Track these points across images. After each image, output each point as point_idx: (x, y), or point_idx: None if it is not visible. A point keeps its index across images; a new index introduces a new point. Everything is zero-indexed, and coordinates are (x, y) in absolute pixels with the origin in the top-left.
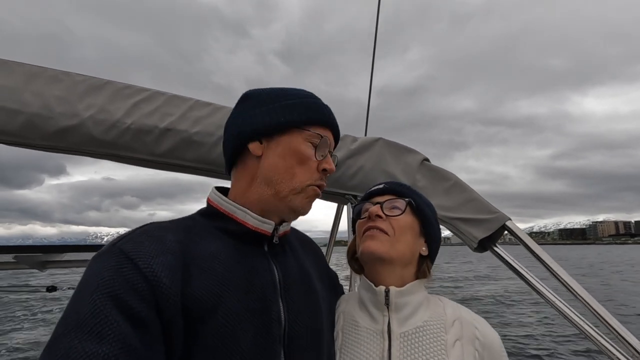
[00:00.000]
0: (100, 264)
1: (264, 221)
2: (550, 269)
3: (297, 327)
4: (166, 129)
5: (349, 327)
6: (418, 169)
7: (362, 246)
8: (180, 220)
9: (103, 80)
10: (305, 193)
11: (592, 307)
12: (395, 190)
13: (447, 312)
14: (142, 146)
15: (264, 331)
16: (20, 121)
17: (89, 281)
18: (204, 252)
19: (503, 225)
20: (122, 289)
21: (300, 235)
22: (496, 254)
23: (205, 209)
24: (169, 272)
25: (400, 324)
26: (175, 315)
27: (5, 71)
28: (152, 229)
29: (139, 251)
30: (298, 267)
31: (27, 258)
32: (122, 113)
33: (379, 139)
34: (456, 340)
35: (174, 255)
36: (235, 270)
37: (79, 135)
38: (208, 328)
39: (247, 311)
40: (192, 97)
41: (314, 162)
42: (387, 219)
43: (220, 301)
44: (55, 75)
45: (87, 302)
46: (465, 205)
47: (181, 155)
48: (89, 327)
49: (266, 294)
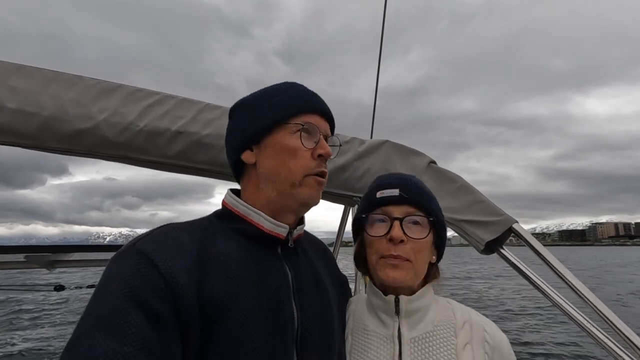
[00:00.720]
0: (120, 264)
1: (278, 224)
2: (557, 271)
3: (310, 327)
4: (178, 131)
5: (358, 331)
6: (425, 171)
7: (384, 275)
8: (196, 221)
9: (115, 84)
10: (306, 184)
11: (600, 310)
12: (415, 201)
13: (457, 315)
14: (154, 148)
15: (277, 331)
16: (37, 123)
17: (109, 281)
18: (219, 253)
19: (510, 228)
20: (141, 289)
21: (311, 238)
22: (503, 256)
23: (220, 210)
24: (186, 272)
25: (411, 329)
26: (193, 315)
27: (24, 76)
28: (170, 231)
29: (157, 252)
30: (310, 269)
31: (37, 258)
32: (134, 116)
33: (385, 142)
34: (466, 344)
35: (190, 256)
36: (250, 271)
37: (93, 137)
38: (222, 327)
39: (261, 311)
40: (202, 101)
41: (305, 152)
42: (408, 242)
43: (235, 301)
44: (70, 79)
45: (107, 301)
46: (472, 208)
47: (192, 157)
48: (109, 326)
49: (279, 295)
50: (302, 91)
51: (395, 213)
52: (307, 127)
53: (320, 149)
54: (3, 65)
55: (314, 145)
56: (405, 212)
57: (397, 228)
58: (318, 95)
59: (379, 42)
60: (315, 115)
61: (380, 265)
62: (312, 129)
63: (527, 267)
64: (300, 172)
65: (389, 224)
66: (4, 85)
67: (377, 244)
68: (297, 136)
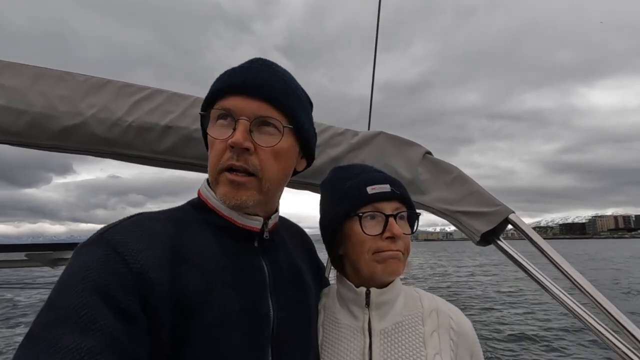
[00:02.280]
0: (87, 255)
1: (250, 218)
2: (554, 262)
3: (286, 325)
4: (167, 126)
5: (329, 323)
6: (420, 162)
7: (383, 270)
8: (170, 210)
9: (104, 79)
10: (220, 183)
11: (598, 300)
12: (403, 197)
13: (424, 304)
14: (143, 144)
15: (253, 329)
16: (26, 121)
17: (74, 272)
18: (193, 247)
19: (506, 219)
20: (109, 282)
21: (289, 226)
22: (500, 248)
23: (195, 200)
24: (157, 266)
25: (380, 321)
26: (163, 311)
27: (12, 73)
28: (142, 220)
29: (127, 243)
30: (288, 262)
31: (39, 256)
32: (123, 111)
33: (380, 133)
34: (433, 332)
35: (162, 250)
36: (225, 267)
37: (83, 134)
38: (195, 326)
39: (236, 310)
40: (192, 95)
41: (220, 143)
42: (401, 238)
43: (209, 299)
44: (59, 75)
45: (72, 293)
46: (468, 198)
47: (182, 152)
48: (73, 320)
49: (255, 292)
50: (232, 69)
51: (387, 209)
52: (222, 113)
53: (230, 137)
54: None
55: (230, 134)
56: (395, 207)
57: (396, 225)
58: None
59: (377, 36)
60: (233, 97)
61: (376, 260)
62: (226, 115)
63: (523, 259)
64: (213, 167)
65: (382, 220)
66: None
67: (371, 241)
68: (216, 126)
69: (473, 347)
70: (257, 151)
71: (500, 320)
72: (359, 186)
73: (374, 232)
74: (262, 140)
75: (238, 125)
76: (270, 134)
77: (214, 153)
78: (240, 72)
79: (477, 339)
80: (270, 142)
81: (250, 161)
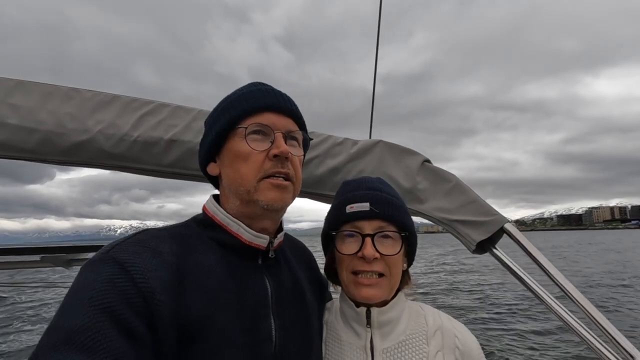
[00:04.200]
0: (93, 274)
1: (258, 235)
2: (548, 273)
3: (288, 344)
4: (171, 140)
5: (332, 340)
6: (418, 171)
7: (358, 294)
8: (175, 227)
9: (110, 95)
10: (261, 189)
11: (589, 311)
12: (386, 215)
13: (429, 322)
14: (149, 158)
15: (254, 350)
16: (37, 138)
17: (81, 291)
18: (197, 266)
19: (502, 228)
20: (116, 302)
21: (294, 243)
22: (495, 256)
23: (201, 217)
24: (164, 288)
25: (383, 340)
26: (169, 333)
27: (23, 92)
28: (147, 239)
29: (134, 262)
30: (292, 280)
31: (53, 258)
32: (129, 127)
33: (379, 142)
34: (437, 352)
35: (169, 270)
36: (228, 287)
37: (91, 149)
38: (199, 347)
39: (238, 330)
40: (196, 107)
41: (258, 155)
42: (381, 258)
43: (212, 321)
44: (66, 93)
45: (77, 313)
46: (465, 207)
47: (186, 165)
48: (79, 340)
49: (258, 312)
50: (251, 91)
51: (366, 229)
52: (257, 129)
53: (275, 149)
54: (4, 82)
55: (268, 146)
56: (376, 227)
57: (370, 246)
58: (274, 92)
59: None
60: (268, 114)
61: (353, 282)
62: (264, 129)
63: (519, 268)
64: (252, 177)
65: (360, 240)
66: (5, 103)
67: (348, 260)
68: (248, 139)
69: None
70: (291, 159)
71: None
72: (340, 205)
73: (349, 251)
74: (292, 151)
75: (277, 137)
76: (295, 146)
77: (252, 164)
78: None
79: (484, 357)
80: (298, 153)
81: (290, 167)
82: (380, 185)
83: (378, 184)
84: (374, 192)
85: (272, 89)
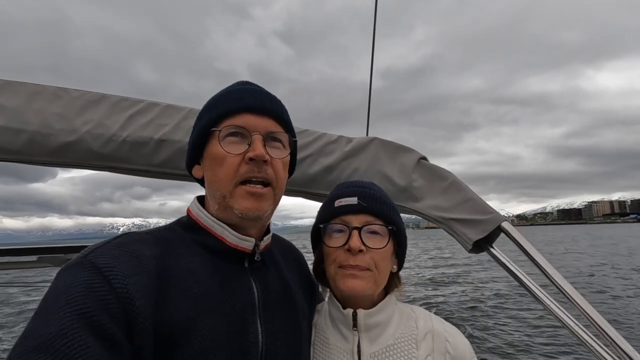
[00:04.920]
0: (71, 279)
1: (243, 238)
2: (545, 271)
3: (275, 348)
4: (161, 139)
5: (319, 343)
6: (414, 169)
7: (343, 285)
8: (158, 230)
9: (99, 94)
10: (237, 195)
11: (586, 310)
12: (373, 210)
13: (419, 325)
14: (138, 158)
15: (240, 355)
16: (23, 140)
17: (57, 296)
18: (181, 270)
19: (499, 227)
20: (93, 308)
21: (283, 244)
22: (492, 255)
23: (185, 220)
24: (143, 293)
25: (371, 343)
26: (147, 340)
27: (10, 92)
28: (128, 242)
29: (112, 267)
30: (279, 282)
31: (51, 258)
32: (118, 127)
33: (374, 139)
34: (427, 356)
35: (149, 275)
36: (213, 290)
37: (78, 150)
38: (182, 353)
39: (223, 335)
40: (187, 106)
41: (233, 158)
42: (367, 252)
43: (196, 325)
44: (54, 92)
45: (53, 320)
46: (462, 206)
47: (176, 165)
48: (55, 347)
49: (244, 316)
50: (232, 91)
51: (353, 222)
52: (233, 131)
53: (251, 152)
54: None
55: (245, 149)
56: (364, 221)
57: (356, 238)
58: (256, 91)
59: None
60: (246, 115)
61: (339, 275)
62: (241, 131)
63: (516, 267)
64: (227, 182)
65: (347, 233)
66: None
67: (335, 254)
68: (224, 142)
69: None
70: (272, 163)
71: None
72: (330, 199)
73: (336, 244)
74: (274, 153)
75: (254, 140)
76: (278, 147)
77: (227, 168)
78: (245, 93)
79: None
80: (281, 155)
81: (268, 172)
82: (371, 185)
83: (368, 183)
84: (363, 189)
85: (254, 89)
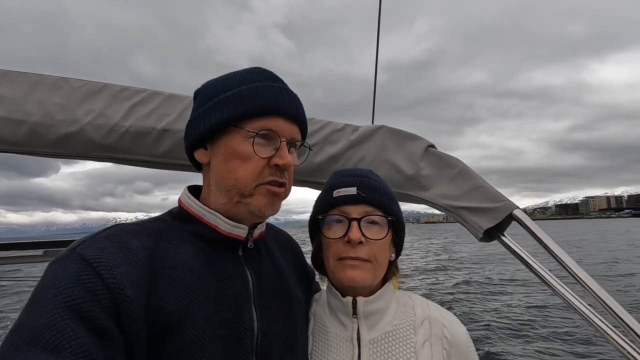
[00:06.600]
0: (59, 271)
1: (236, 226)
2: (560, 260)
3: (271, 335)
4: (164, 129)
5: (319, 331)
6: (422, 157)
7: (343, 276)
8: (149, 221)
9: (100, 84)
10: (258, 195)
11: (601, 298)
12: (373, 200)
13: (417, 312)
14: (141, 148)
15: (235, 342)
16: (24, 131)
17: (46, 289)
18: (173, 260)
19: (510, 214)
20: (82, 299)
21: (279, 234)
22: (504, 244)
23: (176, 210)
24: (133, 283)
25: (370, 330)
26: (139, 330)
27: (8, 82)
28: (117, 234)
29: (101, 258)
30: (274, 270)
31: (57, 252)
32: (120, 116)
33: (380, 127)
34: (425, 341)
35: (139, 265)
36: (207, 279)
37: (80, 141)
38: (176, 341)
39: (217, 323)
40: (189, 95)
41: (259, 160)
42: (367, 243)
43: (189, 313)
44: (55, 82)
45: (43, 312)
46: (472, 193)
47: (179, 155)
48: (44, 339)
49: (238, 303)
50: (264, 87)
51: (352, 213)
52: (265, 134)
53: (278, 159)
54: None
55: (272, 153)
56: (363, 211)
57: (355, 229)
58: (287, 92)
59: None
60: (278, 118)
61: (339, 266)
62: (271, 136)
63: (528, 255)
64: (250, 181)
65: (346, 224)
66: None
67: (335, 245)
68: (251, 142)
69: (467, 356)
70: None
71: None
72: (327, 190)
73: (336, 235)
74: (292, 159)
75: (282, 147)
76: (294, 154)
77: (251, 168)
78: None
79: (473, 347)
80: (297, 161)
81: (286, 176)
82: (369, 174)
83: (367, 172)
84: (361, 178)
85: (285, 89)
